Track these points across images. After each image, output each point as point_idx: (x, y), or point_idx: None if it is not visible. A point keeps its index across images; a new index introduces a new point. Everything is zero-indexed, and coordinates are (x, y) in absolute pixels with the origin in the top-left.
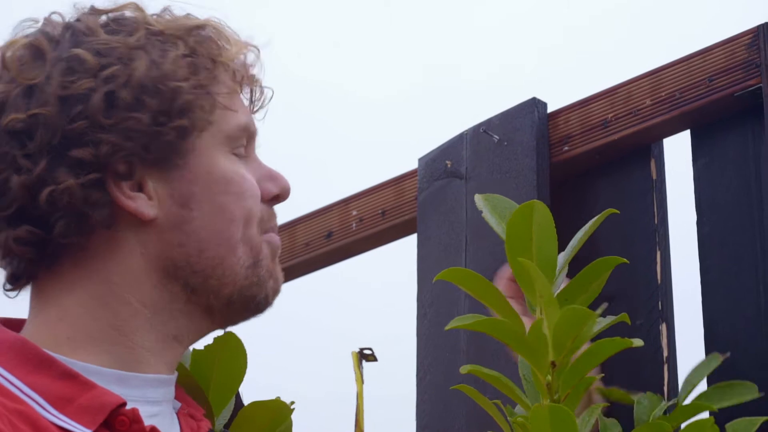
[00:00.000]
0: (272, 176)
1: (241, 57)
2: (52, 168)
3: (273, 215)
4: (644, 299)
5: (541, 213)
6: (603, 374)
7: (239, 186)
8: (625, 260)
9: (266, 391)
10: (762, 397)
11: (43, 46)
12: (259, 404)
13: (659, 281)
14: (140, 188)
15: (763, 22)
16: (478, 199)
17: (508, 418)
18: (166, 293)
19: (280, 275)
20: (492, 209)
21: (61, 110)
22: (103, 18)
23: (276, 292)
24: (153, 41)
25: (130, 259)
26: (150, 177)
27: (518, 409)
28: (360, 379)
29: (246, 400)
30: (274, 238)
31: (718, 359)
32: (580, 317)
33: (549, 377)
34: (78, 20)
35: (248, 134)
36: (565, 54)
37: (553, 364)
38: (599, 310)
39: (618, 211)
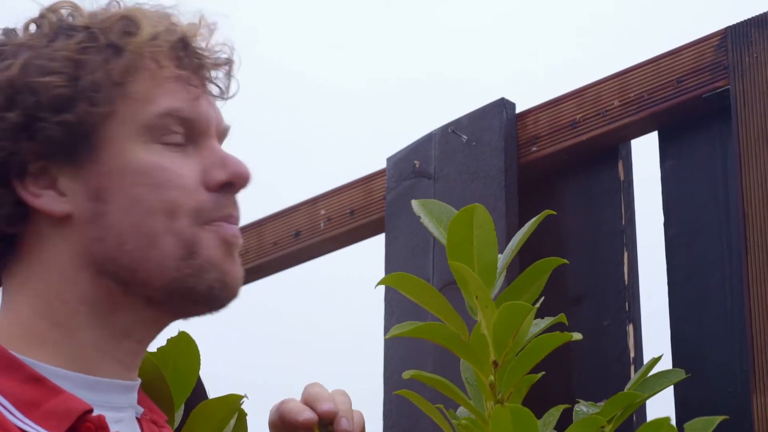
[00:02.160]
0: (223, 163)
1: (169, 40)
2: None
3: (225, 204)
4: (611, 300)
5: (482, 217)
6: (544, 372)
7: (156, 177)
8: (565, 261)
9: (233, 390)
10: (723, 397)
11: None
12: (210, 402)
13: (626, 282)
14: (53, 185)
15: (730, 24)
16: (415, 204)
17: (452, 421)
18: (101, 288)
19: (233, 268)
20: (429, 214)
21: None
22: (31, 20)
23: (224, 285)
24: (53, 37)
25: (59, 257)
26: (63, 174)
27: (461, 411)
28: None
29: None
30: (226, 229)
31: (681, 375)
32: (517, 312)
33: (492, 377)
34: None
35: (182, 121)
36: (535, 54)
37: (495, 363)
38: (537, 305)
39: (555, 213)
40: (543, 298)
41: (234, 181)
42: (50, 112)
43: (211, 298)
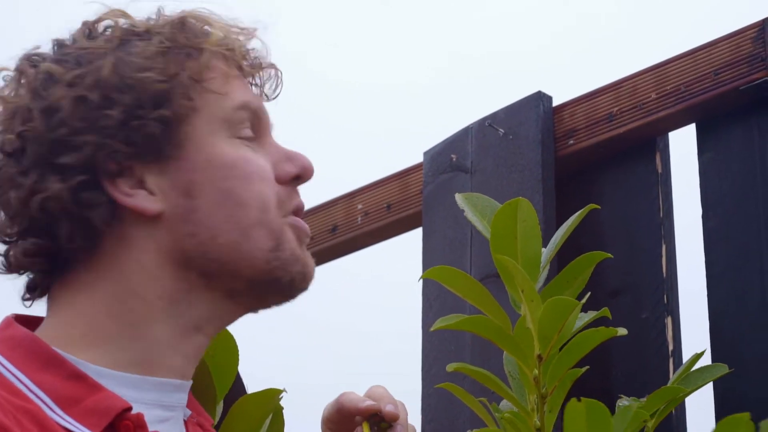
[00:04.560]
0: (289, 156)
1: (234, 41)
2: (43, 178)
3: (295, 196)
4: (650, 293)
5: (526, 211)
6: (588, 367)
7: (243, 170)
8: (609, 255)
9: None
10: (763, 391)
11: (23, 67)
12: (249, 397)
13: (665, 275)
14: (142, 184)
15: None
16: (459, 198)
17: (495, 414)
18: (184, 283)
19: (310, 260)
20: (473, 208)
21: (44, 123)
22: (88, 28)
23: (305, 276)
24: (125, 40)
25: (143, 256)
26: (150, 172)
27: (504, 404)
28: None
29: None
30: (299, 222)
31: (724, 369)
32: (564, 307)
33: (536, 371)
34: (70, 34)
35: (252, 115)
36: (570, 47)
37: (540, 357)
38: (583, 300)
39: (599, 207)
40: (589, 293)
41: (302, 174)
42: (148, 108)
43: (292, 288)
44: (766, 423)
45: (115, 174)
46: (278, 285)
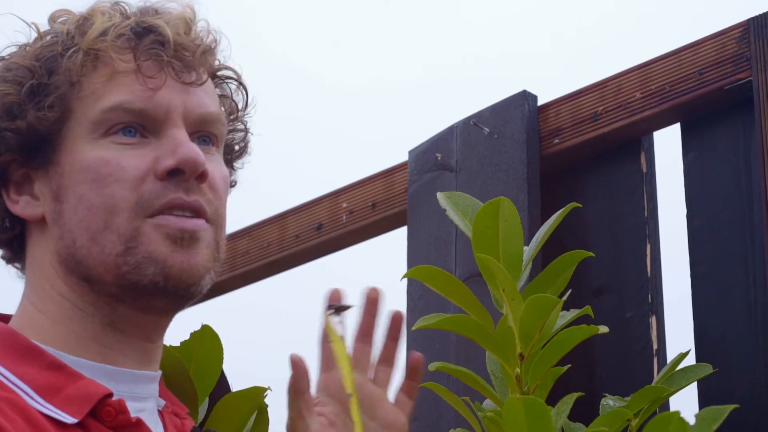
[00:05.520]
0: (174, 150)
1: (115, 35)
2: None
3: (171, 190)
4: (634, 292)
5: (507, 210)
6: (570, 365)
7: (97, 172)
8: (590, 254)
9: (256, 384)
10: (746, 390)
11: None
12: (234, 395)
13: (649, 274)
14: (31, 190)
15: (753, 15)
16: (441, 197)
17: (478, 413)
18: (75, 285)
19: (182, 258)
20: (455, 207)
21: None
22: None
23: (169, 277)
24: (7, 54)
25: (42, 256)
26: (37, 178)
27: (487, 403)
28: (337, 339)
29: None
30: (172, 222)
31: (708, 369)
32: (544, 305)
33: (518, 370)
34: None
35: (134, 113)
36: (556, 47)
37: (521, 356)
38: (564, 298)
39: (581, 205)
40: (570, 291)
41: (182, 167)
42: (6, 120)
43: (158, 291)
44: (700, 414)
45: (7, 182)
46: (142, 289)
